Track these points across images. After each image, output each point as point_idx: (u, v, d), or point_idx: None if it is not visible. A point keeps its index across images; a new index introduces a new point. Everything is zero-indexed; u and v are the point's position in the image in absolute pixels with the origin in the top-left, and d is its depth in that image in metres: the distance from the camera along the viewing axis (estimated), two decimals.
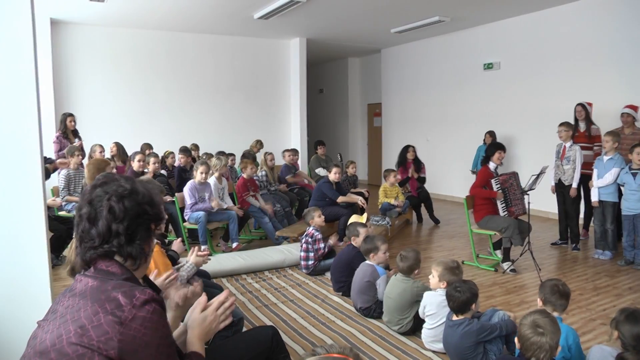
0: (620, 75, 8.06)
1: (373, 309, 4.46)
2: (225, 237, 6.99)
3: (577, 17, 8.63)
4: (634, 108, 7.02)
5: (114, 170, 6.81)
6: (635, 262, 6.09)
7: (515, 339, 2.69)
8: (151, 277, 2.61)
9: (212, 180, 6.95)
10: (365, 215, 6.22)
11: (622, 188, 6.22)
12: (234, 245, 6.75)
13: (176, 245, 3.99)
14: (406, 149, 8.89)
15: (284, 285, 5.45)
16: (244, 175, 7.45)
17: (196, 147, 9.79)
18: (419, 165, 8.92)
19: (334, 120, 15.72)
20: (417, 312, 4.00)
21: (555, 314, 3.09)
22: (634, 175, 5.99)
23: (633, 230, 6.09)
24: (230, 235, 6.83)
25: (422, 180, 8.91)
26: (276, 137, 11.60)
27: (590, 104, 7.31)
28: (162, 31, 10.47)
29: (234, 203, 7.27)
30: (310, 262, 5.78)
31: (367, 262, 4.67)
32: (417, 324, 4.01)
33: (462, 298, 3.41)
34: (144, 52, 10.43)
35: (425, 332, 3.85)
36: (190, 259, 3.60)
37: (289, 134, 11.95)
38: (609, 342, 3.02)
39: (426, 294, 3.92)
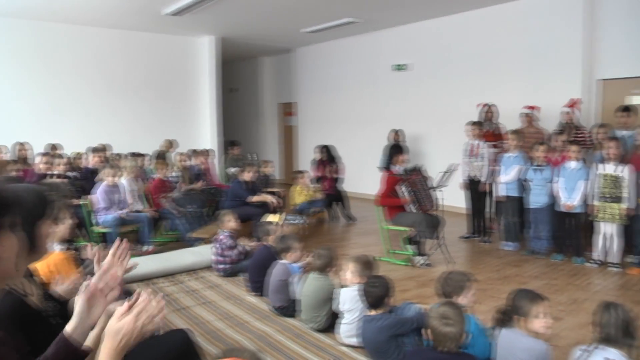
0: (521, 78, 8.58)
1: (288, 308, 4.42)
2: (138, 240, 6.72)
3: (482, 23, 9.11)
4: (533, 108, 7.45)
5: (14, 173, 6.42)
6: (537, 251, 6.46)
7: (425, 331, 2.77)
8: (58, 286, 2.44)
9: (124, 181, 6.67)
10: (280, 214, 6.19)
11: (528, 183, 6.54)
12: (148, 248, 6.52)
13: (89, 251, 3.77)
14: (327, 148, 9.02)
15: (199, 287, 5.30)
16: (158, 176, 7.20)
17: (106, 147, 9.34)
18: (334, 164, 9.02)
19: (247, 119, 15.58)
20: (332, 308, 4.01)
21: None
22: (537, 171, 6.34)
23: (536, 223, 6.46)
24: (142, 239, 6.58)
25: (337, 180, 9.02)
26: (189, 136, 11.30)
27: (494, 105, 7.74)
28: (67, 24, 9.84)
29: (148, 205, 7.02)
30: (225, 266, 5.65)
31: (281, 261, 4.64)
32: (333, 320, 4.02)
33: (377, 293, 3.45)
34: (50, 46, 9.75)
35: (341, 327, 3.86)
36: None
37: (202, 134, 11.68)
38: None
39: (341, 290, 3.94)
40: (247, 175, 7.17)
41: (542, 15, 8.29)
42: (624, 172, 5.73)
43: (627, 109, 6.63)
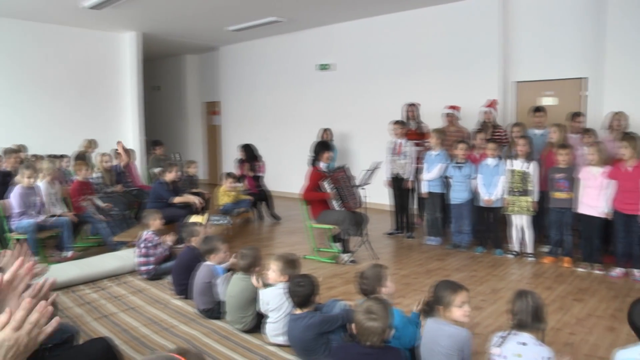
0: (443, 79, 8.91)
1: (214, 310, 4.35)
2: (58, 246, 6.42)
3: (405, 25, 9.38)
4: (455, 108, 7.72)
5: None
6: (460, 245, 6.71)
7: (352, 325, 2.81)
8: None
9: (42, 184, 6.35)
10: (205, 215, 6.10)
11: (448, 180, 6.80)
12: (68, 254, 6.24)
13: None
14: (249, 147, 8.97)
15: (124, 292, 5.12)
16: (78, 178, 6.91)
17: (21, 148, 8.82)
18: (255, 163, 9.00)
19: (171, 118, 15.20)
20: (258, 308, 4.00)
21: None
22: (458, 168, 6.59)
23: (458, 218, 6.70)
24: (63, 244, 6.29)
25: (259, 178, 8.99)
26: (111, 136, 10.86)
27: (418, 104, 7.99)
28: None
29: (68, 209, 6.72)
30: (150, 267, 5.50)
31: (206, 262, 4.57)
32: (259, 320, 3.99)
33: (304, 292, 3.47)
34: None
35: (268, 326, 3.85)
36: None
37: (124, 133, 11.28)
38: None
39: (266, 291, 3.92)
40: (170, 176, 7.00)
41: (462, 19, 8.66)
42: (530, 168, 6.08)
43: (539, 109, 7.09)
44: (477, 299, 4.86)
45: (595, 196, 5.66)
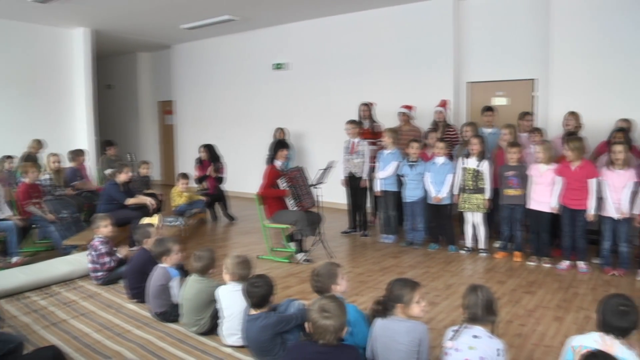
0: (398, 79, 9.04)
1: (169, 313, 4.29)
2: (3, 252, 6.19)
3: (361, 25, 9.45)
4: (409, 107, 7.83)
5: None
6: (414, 242, 6.82)
7: (307, 324, 2.82)
8: None
9: None
10: (158, 216, 6.01)
11: (402, 179, 6.88)
12: (14, 259, 6.03)
13: None
14: (211, 147, 8.87)
15: (75, 298, 4.97)
16: (26, 181, 6.70)
17: None
18: (218, 164, 8.90)
19: (124, 118, 14.86)
20: (214, 311, 3.97)
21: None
22: (412, 166, 6.69)
23: (412, 215, 6.81)
24: (9, 249, 6.07)
25: (220, 180, 8.91)
26: (61, 136, 10.53)
27: (373, 104, 8.07)
28: None
29: (15, 212, 6.51)
30: (100, 274, 5.37)
31: (160, 265, 4.50)
32: (215, 322, 3.97)
33: (260, 293, 3.46)
34: None
35: (222, 327, 3.84)
36: None
37: (76, 133, 10.97)
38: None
39: (220, 290, 3.91)
40: (123, 177, 6.86)
41: (417, 21, 8.79)
42: (484, 166, 6.24)
43: (490, 108, 7.29)
44: (431, 294, 4.96)
45: (543, 192, 5.87)
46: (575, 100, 7.06)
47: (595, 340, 2.64)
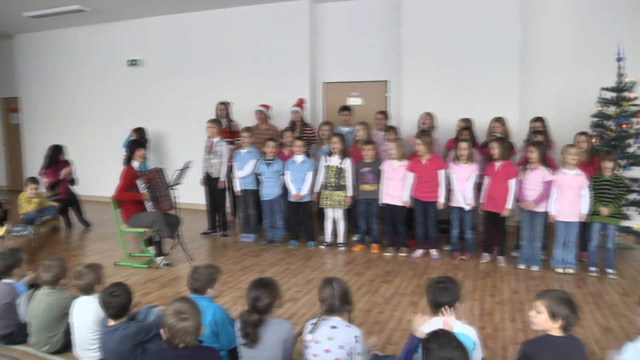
0: (257, 78, 9.03)
1: (16, 334, 3.81)
2: None
3: (218, 23, 9.30)
4: (266, 106, 7.85)
5: None
6: (274, 240, 6.85)
7: (162, 330, 2.68)
8: None
9: None
10: (5, 226, 5.44)
11: (259, 177, 6.88)
12: None
13: None
14: (57, 149, 8.14)
15: None
16: None
17: None
18: (68, 166, 8.24)
19: None
20: (68, 326, 3.61)
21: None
22: (269, 165, 6.70)
23: (271, 213, 6.84)
24: None
25: (73, 182, 8.27)
26: None
27: (230, 103, 8.00)
28: None
29: None
30: None
31: (4, 280, 3.99)
32: (69, 338, 3.60)
33: (119, 302, 3.21)
34: None
35: (75, 342, 3.51)
36: None
37: None
38: None
39: (75, 303, 3.58)
40: None
41: (274, 21, 8.86)
42: (346, 164, 6.42)
43: (346, 108, 7.52)
44: (292, 290, 4.99)
45: (396, 187, 6.20)
46: (424, 100, 7.57)
47: (438, 323, 2.80)
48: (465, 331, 2.75)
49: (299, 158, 6.64)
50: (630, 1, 7.17)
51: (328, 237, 6.71)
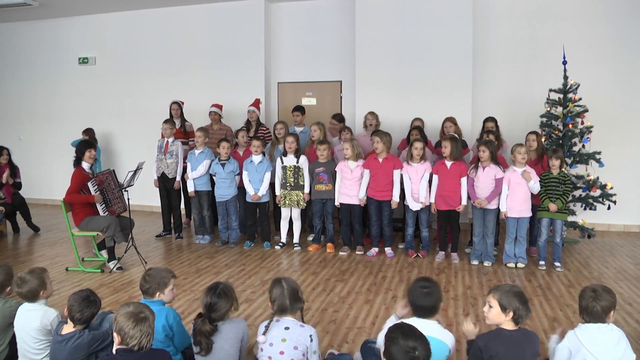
0: (211, 78, 8.97)
1: None
2: None
3: (172, 21, 9.19)
4: (219, 107, 7.78)
5: None
6: (229, 241, 6.80)
7: (115, 335, 2.61)
8: None
9: None
10: None
11: (214, 178, 6.82)
12: None
13: None
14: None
15: None
16: None
17: None
18: (14, 169, 7.92)
19: None
20: (13, 337, 3.45)
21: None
22: (223, 165, 6.63)
23: (226, 214, 6.79)
24: None
25: (18, 185, 7.95)
26: None
27: (183, 103, 7.88)
28: None
29: None
30: None
31: None
32: (14, 349, 3.45)
33: (93, 312, 3.13)
34: None
35: (19, 351, 3.37)
36: None
37: None
38: None
39: (18, 310, 3.43)
40: None
41: (229, 20, 8.81)
42: (301, 162, 6.44)
43: (299, 108, 7.53)
44: (247, 291, 4.97)
45: (353, 187, 6.24)
46: (377, 101, 7.67)
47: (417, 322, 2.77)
48: (442, 337, 2.81)
49: (257, 158, 6.58)
50: (574, 7, 7.45)
51: (284, 237, 6.71)
